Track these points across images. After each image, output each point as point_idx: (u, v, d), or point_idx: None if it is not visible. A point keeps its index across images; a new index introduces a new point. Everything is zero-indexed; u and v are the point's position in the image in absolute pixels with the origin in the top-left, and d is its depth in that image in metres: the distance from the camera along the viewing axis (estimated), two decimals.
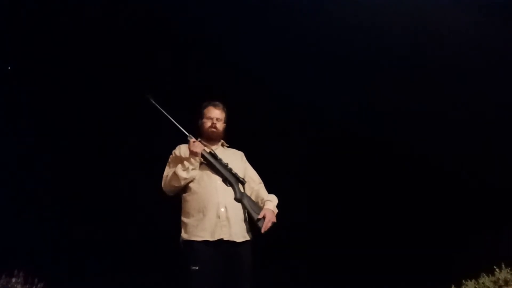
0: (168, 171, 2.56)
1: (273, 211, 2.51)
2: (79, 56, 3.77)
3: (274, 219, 2.50)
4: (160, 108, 2.54)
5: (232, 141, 2.75)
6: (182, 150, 2.61)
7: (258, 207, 2.53)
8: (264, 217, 2.47)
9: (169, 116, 2.54)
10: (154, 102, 2.54)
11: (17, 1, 3.65)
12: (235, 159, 2.64)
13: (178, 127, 2.55)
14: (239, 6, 3.84)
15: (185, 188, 2.51)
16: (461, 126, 3.96)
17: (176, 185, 2.50)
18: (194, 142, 2.50)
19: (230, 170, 2.51)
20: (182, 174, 2.46)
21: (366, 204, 4.17)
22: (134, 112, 3.68)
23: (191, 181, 2.50)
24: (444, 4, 3.74)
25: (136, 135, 3.86)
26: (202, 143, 2.62)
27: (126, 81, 3.79)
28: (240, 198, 2.48)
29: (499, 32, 3.69)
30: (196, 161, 2.48)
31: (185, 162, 2.49)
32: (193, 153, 2.47)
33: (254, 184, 2.63)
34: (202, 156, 2.50)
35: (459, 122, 3.97)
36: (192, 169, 2.47)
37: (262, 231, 2.46)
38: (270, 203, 2.54)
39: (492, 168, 3.80)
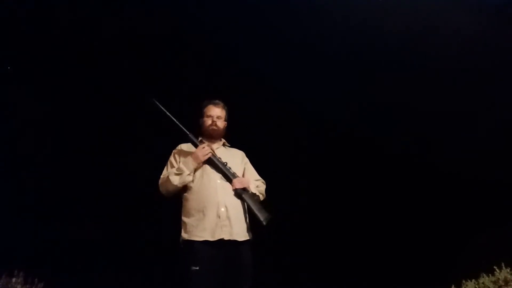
0: (165, 173, 2.55)
1: (245, 180, 2.54)
2: (79, 56, 3.77)
3: (245, 185, 2.51)
4: (162, 108, 2.53)
5: (232, 139, 2.75)
6: (183, 148, 2.60)
7: (259, 202, 2.54)
8: (266, 212, 2.48)
9: (171, 116, 2.53)
10: (158, 104, 2.53)
11: (17, 1, 3.65)
12: (235, 159, 2.64)
13: (181, 127, 2.54)
14: (239, 5, 3.84)
15: (185, 187, 2.50)
16: (460, 126, 3.96)
17: (170, 189, 2.48)
18: (203, 147, 2.50)
19: (229, 169, 2.52)
20: (174, 180, 2.45)
21: (366, 203, 4.17)
22: (135, 111, 3.68)
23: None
24: (444, 4, 3.74)
25: (137, 134, 3.86)
26: (204, 143, 2.61)
27: (126, 80, 3.79)
28: (240, 192, 2.48)
29: (499, 32, 3.69)
30: (194, 166, 2.46)
31: (181, 166, 2.48)
32: (196, 158, 2.47)
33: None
34: None
35: (458, 122, 3.98)
36: (188, 175, 2.45)
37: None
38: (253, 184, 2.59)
39: (492, 167, 3.80)
